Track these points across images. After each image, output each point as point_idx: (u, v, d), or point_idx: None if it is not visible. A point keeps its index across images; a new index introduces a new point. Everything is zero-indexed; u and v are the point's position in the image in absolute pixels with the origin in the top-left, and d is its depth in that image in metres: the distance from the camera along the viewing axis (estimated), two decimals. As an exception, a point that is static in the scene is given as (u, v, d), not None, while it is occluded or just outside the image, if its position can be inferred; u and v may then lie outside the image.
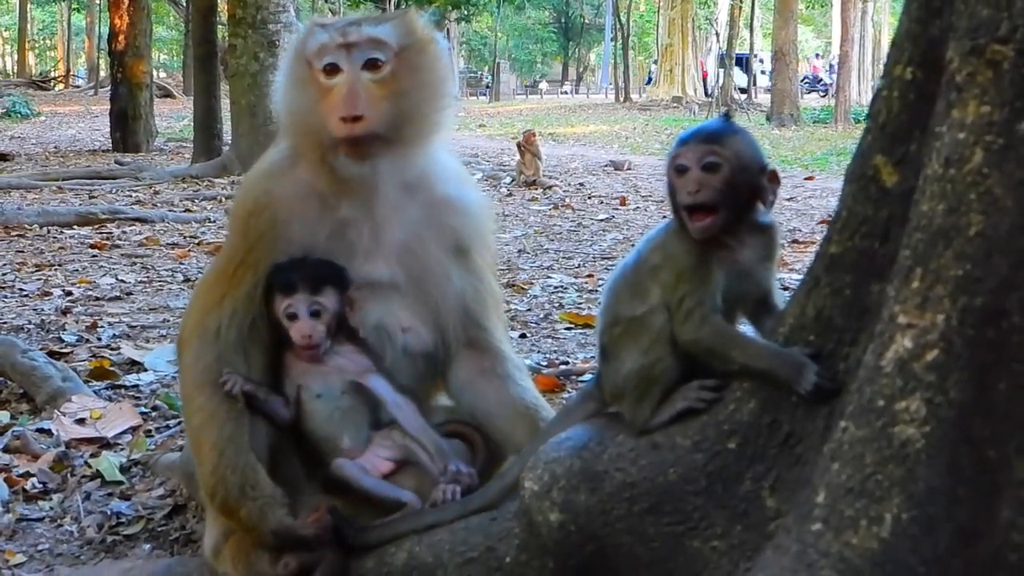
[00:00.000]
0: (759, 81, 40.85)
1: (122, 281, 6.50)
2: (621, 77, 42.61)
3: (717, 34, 41.55)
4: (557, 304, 5.79)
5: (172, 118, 25.15)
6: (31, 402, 3.82)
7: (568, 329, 5.17)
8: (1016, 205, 1.61)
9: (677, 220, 1.96)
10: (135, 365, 4.37)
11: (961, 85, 1.65)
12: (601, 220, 9.73)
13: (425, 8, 17.59)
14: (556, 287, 6.30)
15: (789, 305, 1.95)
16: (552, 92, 55.79)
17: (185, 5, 30.67)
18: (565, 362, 4.46)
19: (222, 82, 15.44)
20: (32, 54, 60.11)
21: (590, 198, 11.52)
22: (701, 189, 1.91)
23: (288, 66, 2.37)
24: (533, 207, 10.79)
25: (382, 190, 2.34)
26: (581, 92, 56.04)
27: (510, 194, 11.91)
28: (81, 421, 3.54)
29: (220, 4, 16.60)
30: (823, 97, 39.22)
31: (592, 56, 68.56)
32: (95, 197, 11.10)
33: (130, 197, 11.16)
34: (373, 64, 2.26)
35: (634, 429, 1.97)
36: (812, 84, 43.89)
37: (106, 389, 4.02)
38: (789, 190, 11.41)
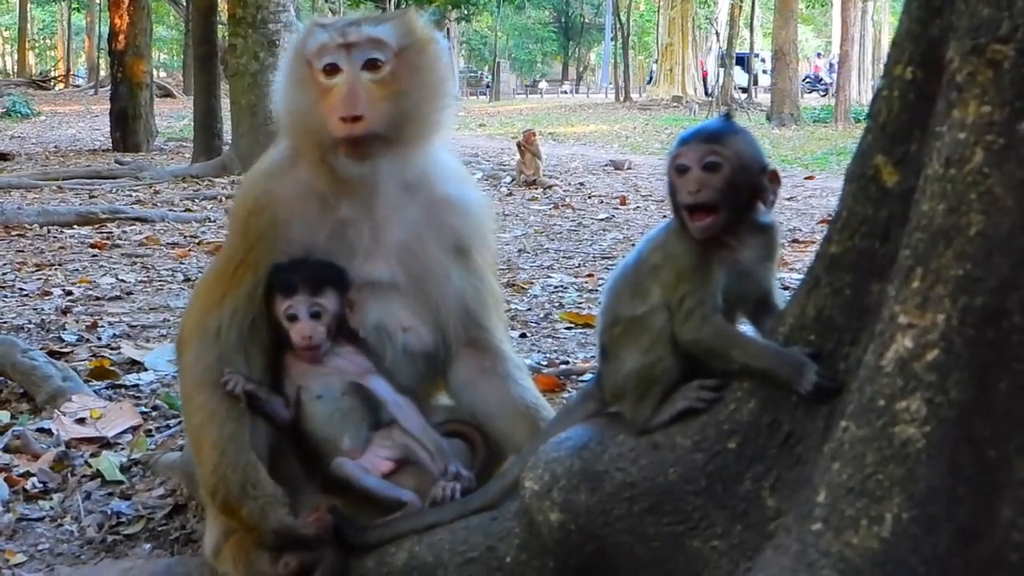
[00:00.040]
0: (760, 80, 40.85)
1: (122, 281, 6.51)
2: (621, 76, 42.62)
3: (717, 33, 41.54)
4: (557, 304, 5.79)
5: (172, 118, 25.14)
6: (31, 402, 3.82)
7: (568, 329, 5.17)
8: (1016, 205, 1.61)
9: (678, 220, 1.96)
10: (135, 365, 4.37)
11: (961, 85, 1.65)
12: (601, 220, 9.72)
13: (425, 8, 17.62)
14: (556, 287, 6.30)
15: (789, 305, 1.95)
16: (552, 92, 55.74)
17: (185, 5, 30.66)
18: (565, 362, 4.46)
19: (222, 82, 15.44)
20: (32, 54, 60.11)
21: (590, 198, 11.51)
22: (702, 189, 1.91)
23: (288, 66, 2.37)
24: (533, 207, 10.79)
25: (382, 190, 2.34)
26: (581, 92, 56.02)
27: (510, 194, 11.91)
28: (81, 421, 3.54)
29: (220, 4, 16.59)
30: (823, 97, 39.20)
31: (592, 56, 68.54)
32: (95, 197, 11.11)
33: (130, 197, 11.16)
34: (373, 64, 2.26)
35: (634, 429, 1.97)
36: (814, 84, 43.87)
37: (106, 389, 4.02)
38: (789, 189, 11.40)
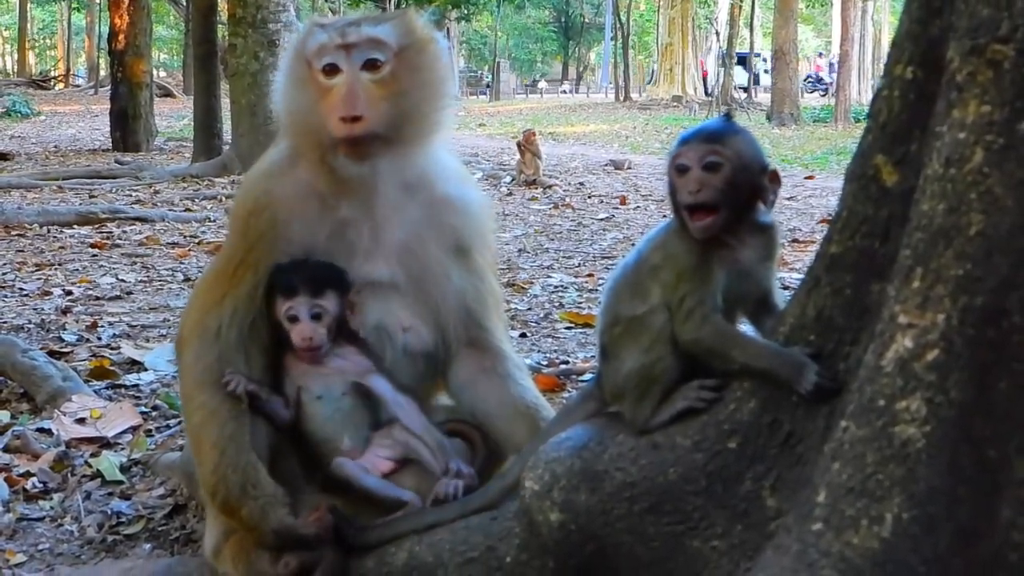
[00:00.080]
0: (762, 80, 40.84)
1: (122, 280, 6.51)
2: (621, 76, 42.62)
3: (717, 33, 41.54)
4: (557, 303, 5.79)
5: (172, 117, 25.14)
6: (31, 402, 3.82)
7: (568, 328, 5.17)
8: (1016, 205, 1.61)
9: (678, 220, 1.96)
10: (135, 365, 4.37)
11: (961, 85, 1.65)
12: (601, 219, 9.72)
13: (425, 8, 17.63)
14: (556, 286, 6.30)
15: (789, 305, 1.95)
16: (552, 91, 55.70)
17: (185, 4, 30.65)
18: (565, 361, 4.46)
19: (222, 81, 15.44)
20: (32, 53, 60.10)
21: (590, 197, 11.51)
22: (702, 189, 1.91)
23: (288, 66, 2.37)
24: (533, 206, 10.79)
25: (382, 190, 2.34)
26: (581, 91, 56.01)
27: (510, 193, 11.91)
28: (81, 421, 3.54)
29: (220, 3, 16.58)
30: (824, 96, 39.20)
31: (592, 55, 68.53)
32: (95, 196, 11.10)
33: (130, 196, 11.15)
34: (372, 64, 2.26)
35: (634, 429, 1.97)
36: (815, 83, 43.87)
37: (106, 389, 4.02)
38: (789, 189, 11.40)
